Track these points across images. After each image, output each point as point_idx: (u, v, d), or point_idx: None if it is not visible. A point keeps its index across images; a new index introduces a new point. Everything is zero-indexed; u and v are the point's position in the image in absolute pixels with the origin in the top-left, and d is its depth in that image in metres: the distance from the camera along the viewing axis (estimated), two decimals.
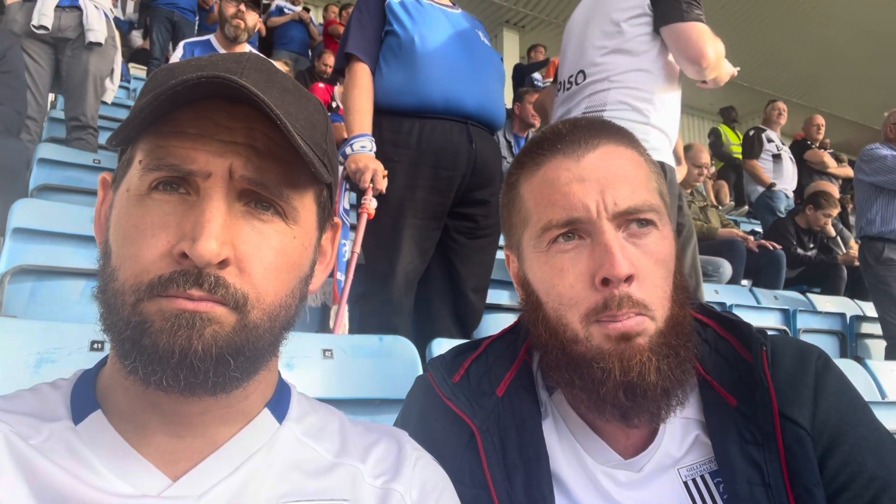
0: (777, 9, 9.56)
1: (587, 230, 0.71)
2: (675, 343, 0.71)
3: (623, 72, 2.05)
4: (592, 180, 0.72)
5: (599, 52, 2.10)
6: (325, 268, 0.69)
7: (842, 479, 0.67)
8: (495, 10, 10.90)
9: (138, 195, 0.54)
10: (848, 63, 11.01)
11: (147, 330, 0.51)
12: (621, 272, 0.67)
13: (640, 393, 0.69)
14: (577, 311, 0.71)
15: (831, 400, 0.72)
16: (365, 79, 2.11)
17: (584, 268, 0.71)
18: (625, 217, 0.71)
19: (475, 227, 2.24)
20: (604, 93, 2.05)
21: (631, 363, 0.68)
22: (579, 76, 2.16)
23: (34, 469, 0.51)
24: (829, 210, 4.99)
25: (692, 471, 0.73)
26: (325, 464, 0.62)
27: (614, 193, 0.71)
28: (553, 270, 0.73)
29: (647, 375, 0.68)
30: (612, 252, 0.68)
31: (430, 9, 2.20)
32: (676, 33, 1.98)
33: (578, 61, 2.18)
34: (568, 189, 0.72)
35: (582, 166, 0.73)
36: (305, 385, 1.45)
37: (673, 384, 0.70)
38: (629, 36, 2.05)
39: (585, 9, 2.26)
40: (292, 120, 0.55)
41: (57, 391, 0.59)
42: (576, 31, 2.25)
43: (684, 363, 0.72)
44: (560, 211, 0.72)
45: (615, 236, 0.70)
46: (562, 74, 2.31)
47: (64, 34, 3.33)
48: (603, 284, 0.69)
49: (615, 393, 0.69)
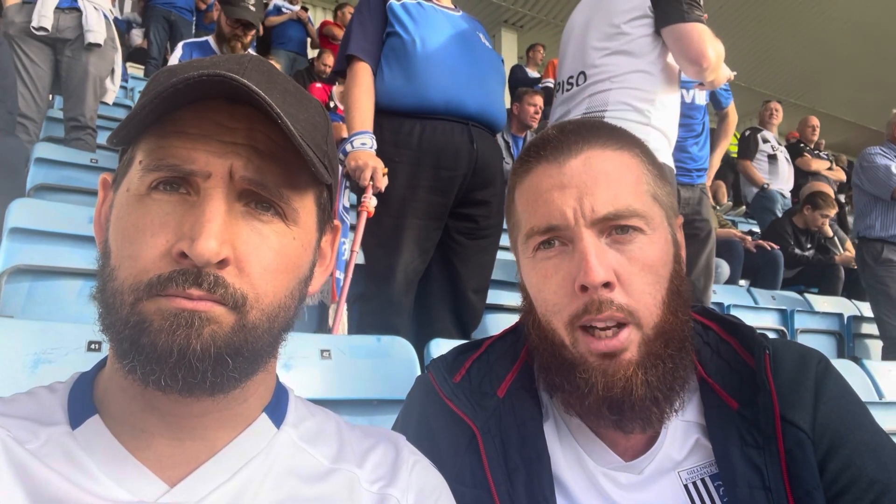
0: (774, 9, 9.58)
1: (567, 237, 0.72)
2: (663, 352, 0.71)
3: (624, 73, 2.05)
4: (572, 187, 0.72)
5: (600, 54, 2.10)
6: (325, 270, 0.69)
7: (842, 482, 0.68)
8: (493, 9, 10.91)
9: (138, 195, 0.54)
10: (845, 63, 11.03)
11: (146, 329, 0.51)
12: (595, 279, 0.67)
13: (626, 406, 0.69)
14: (561, 317, 0.72)
15: (832, 404, 0.72)
16: (366, 78, 2.11)
17: (566, 274, 0.71)
18: (605, 223, 0.71)
19: (476, 227, 2.24)
20: (605, 93, 2.05)
21: (615, 379, 0.69)
22: (580, 77, 2.16)
23: (31, 474, 0.51)
24: (827, 210, 5.01)
25: (693, 474, 0.73)
26: (322, 469, 0.62)
27: (592, 200, 0.71)
28: (539, 276, 0.74)
29: (633, 390, 0.69)
30: (587, 259, 0.68)
31: (431, 11, 2.20)
32: (677, 34, 1.98)
33: (579, 62, 2.18)
34: (549, 196, 0.73)
35: (563, 172, 0.73)
36: (303, 386, 1.45)
37: (664, 393, 0.70)
38: (630, 37, 2.06)
39: (585, 10, 2.26)
40: (293, 120, 0.54)
41: (54, 395, 0.59)
42: (575, 32, 2.26)
43: (676, 371, 0.72)
44: (541, 218, 0.73)
45: (593, 243, 0.70)
46: (561, 75, 2.32)
47: (63, 35, 3.33)
48: (582, 291, 0.69)
49: (598, 407, 0.70)
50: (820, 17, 9.69)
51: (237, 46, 3.36)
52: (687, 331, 0.75)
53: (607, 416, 0.70)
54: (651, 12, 2.04)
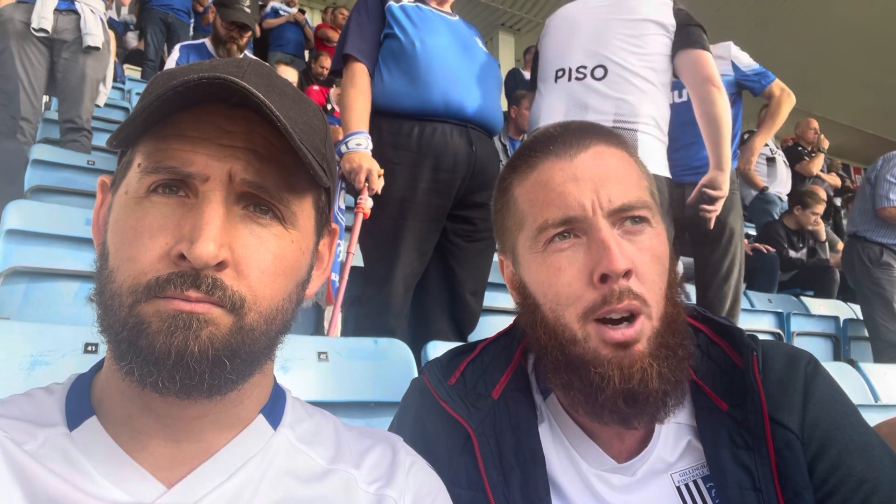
0: (771, 12, 9.61)
1: (583, 228, 0.72)
2: (672, 343, 0.72)
3: (650, 85, 2.08)
4: (586, 179, 0.73)
5: (624, 54, 2.09)
6: (322, 273, 0.69)
7: (831, 482, 0.68)
8: (490, 13, 10.92)
9: (137, 198, 0.55)
10: (841, 66, 11.06)
11: (144, 331, 0.51)
12: (619, 267, 0.68)
13: (641, 400, 0.69)
14: (574, 310, 0.71)
15: (820, 405, 0.73)
16: (363, 79, 2.11)
17: (582, 265, 0.71)
18: (619, 214, 0.72)
19: (473, 229, 2.24)
20: (633, 105, 2.05)
21: (632, 370, 0.69)
22: (597, 70, 2.12)
23: (29, 475, 0.51)
24: (816, 208, 5.07)
25: (685, 476, 0.74)
26: (320, 470, 0.63)
27: (608, 191, 0.72)
28: (550, 270, 0.74)
29: (649, 382, 0.69)
30: (610, 248, 0.69)
31: (430, 14, 2.21)
32: (693, 57, 2.09)
33: (595, 54, 2.14)
34: (563, 189, 0.73)
35: (575, 166, 0.74)
36: (300, 388, 1.45)
37: (673, 386, 0.71)
38: (653, 51, 2.09)
39: (597, 7, 2.22)
40: (292, 123, 0.55)
41: (51, 396, 0.59)
42: (586, 22, 2.20)
43: (683, 362, 0.72)
44: (556, 210, 0.73)
45: (611, 233, 0.71)
46: (563, 61, 2.24)
47: (61, 36, 3.32)
48: (601, 281, 0.69)
49: (614, 400, 0.69)
50: (816, 20, 9.72)
51: (233, 48, 3.38)
52: (685, 323, 0.76)
53: (623, 409, 0.69)
54: (671, 33, 2.10)
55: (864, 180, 4.05)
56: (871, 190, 3.88)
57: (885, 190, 3.78)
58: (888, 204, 3.75)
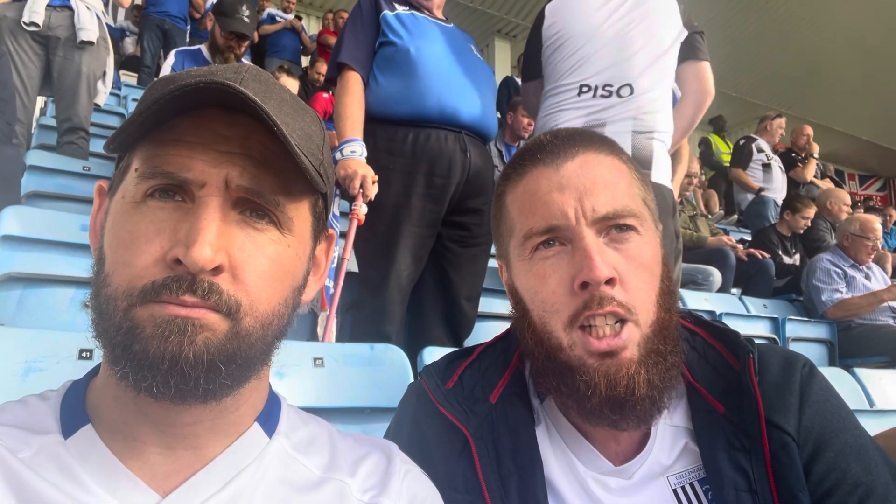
0: (766, 19, 9.66)
1: (567, 237, 0.73)
2: (662, 349, 0.72)
3: (666, 97, 2.10)
4: (571, 188, 0.74)
5: (650, 72, 2.06)
6: (319, 279, 0.69)
7: (827, 484, 0.68)
8: (487, 19, 10.95)
9: (134, 202, 0.54)
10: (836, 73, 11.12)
11: (138, 336, 0.51)
12: (600, 275, 0.68)
13: (628, 406, 0.70)
14: (559, 318, 0.72)
15: (816, 407, 0.73)
16: (357, 87, 2.13)
17: (565, 273, 0.72)
18: (605, 222, 0.73)
19: (468, 235, 2.25)
20: (653, 115, 2.04)
21: (617, 377, 0.69)
22: (624, 89, 2.05)
23: (23, 484, 0.51)
24: (806, 212, 5.14)
25: (681, 479, 0.74)
26: (314, 479, 0.62)
27: (593, 200, 0.73)
28: (536, 277, 0.75)
29: (636, 389, 0.69)
30: (591, 256, 0.69)
31: (424, 21, 2.23)
32: (700, 70, 2.17)
33: (622, 73, 2.06)
34: (548, 198, 0.74)
35: (561, 174, 0.75)
36: (296, 394, 1.44)
37: (661, 392, 0.71)
38: (669, 63, 2.11)
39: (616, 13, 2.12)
40: (289, 129, 0.55)
41: (46, 403, 0.59)
42: (608, 34, 2.09)
43: (672, 368, 0.73)
44: (540, 219, 0.74)
45: (594, 241, 0.71)
46: (586, 74, 2.11)
47: (55, 33, 3.29)
48: (582, 288, 0.70)
49: (600, 409, 0.70)
50: (809, 28, 9.77)
51: (231, 58, 3.39)
52: (677, 330, 0.77)
53: (608, 416, 0.70)
54: (681, 39, 2.12)
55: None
56: (811, 304, 4.14)
57: (818, 296, 4.05)
58: (825, 308, 4.00)
